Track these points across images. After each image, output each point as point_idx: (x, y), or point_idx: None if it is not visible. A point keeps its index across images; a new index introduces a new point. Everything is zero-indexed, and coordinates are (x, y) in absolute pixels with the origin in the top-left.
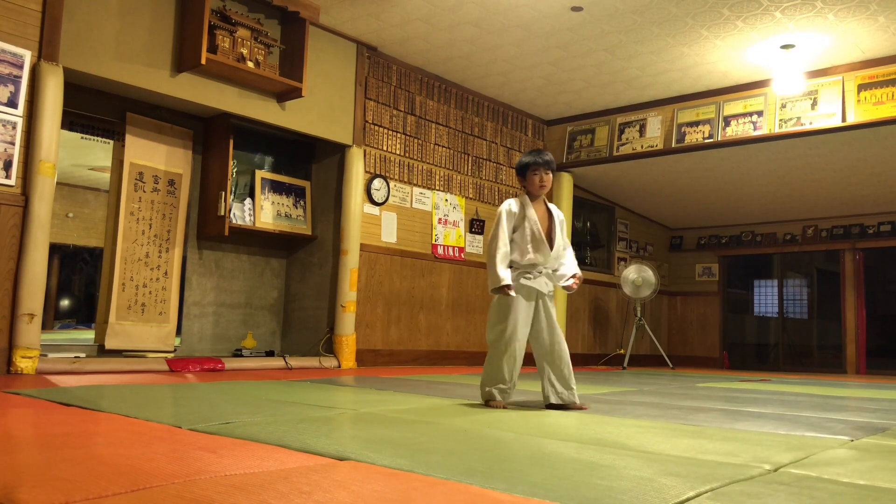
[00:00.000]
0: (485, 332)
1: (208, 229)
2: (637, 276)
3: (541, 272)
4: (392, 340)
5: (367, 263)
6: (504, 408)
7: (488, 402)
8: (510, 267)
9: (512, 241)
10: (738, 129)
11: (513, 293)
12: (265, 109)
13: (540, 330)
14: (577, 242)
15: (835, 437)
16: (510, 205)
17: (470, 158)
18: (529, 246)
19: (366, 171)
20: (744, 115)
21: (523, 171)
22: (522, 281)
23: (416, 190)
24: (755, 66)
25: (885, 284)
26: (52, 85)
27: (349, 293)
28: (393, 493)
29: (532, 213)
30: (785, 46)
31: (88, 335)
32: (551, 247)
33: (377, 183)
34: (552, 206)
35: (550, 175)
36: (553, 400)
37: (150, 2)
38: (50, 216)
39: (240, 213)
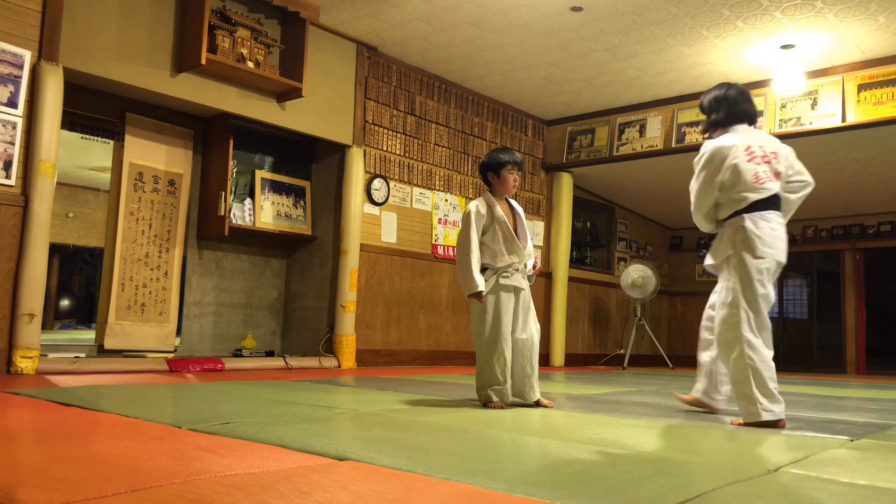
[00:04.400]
0: None
1: (208, 229)
2: (637, 275)
3: (517, 269)
4: (392, 340)
5: (367, 263)
6: (503, 408)
7: (486, 404)
8: (484, 269)
9: (482, 244)
10: None
11: (486, 298)
12: (265, 109)
13: (515, 326)
14: (577, 242)
15: (835, 437)
16: (477, 206)
17: (470, 158)
18: (504, 248)
19: (366, 171)
20: None
21: (497, 168)
22: (502, 280)
23: (416, 190)
24: (755, 66)
25: (885, 284)
26: (52, 85)
27: (349, 293)
28: (393, 493)
29: (500, 213)
30: (785, 46)
31: (88, 335)
32: (523, 244)
33: (377, 183)
34: (512, 201)
35: (520, 177)
36: (518, 396)
37: (150, 2)
38: (50, 216)
39: (240, 213)
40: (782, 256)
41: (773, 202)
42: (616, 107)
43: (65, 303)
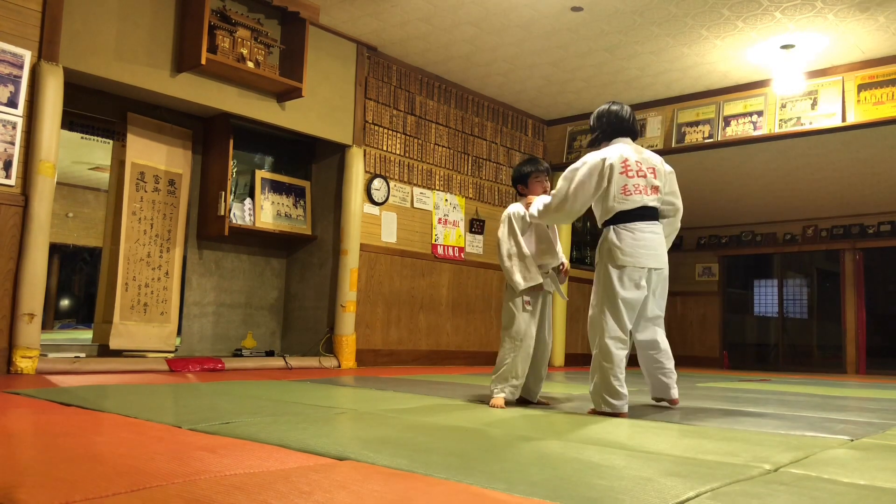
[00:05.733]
0: (485, 332)
1: (208, 229)
2: None
3: (547, 272)
4: (392, 340)
5: (367, 263)
6: (502, 407)
7: (489, 401)
8: None
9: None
10: (738, 129)
11: (527, 297)
12: (265, 109)
13: (540, 328)
14: (577, 242)
15: (835, 437)
16: (518, 209)
17: (470, 158)
18: (541, 247)
19: (366, 171)
20: (744, 115)
21: (524, 180)
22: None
23: (416, 190)
24: (755, 66)
25: (885, 284)
26: (52, 85)
27: (349, 293)
28: (393, 493)
29: None
30: (785, 46)
31: (88, 335)
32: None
33: (377, 183)
34: None
35: (549, 181)
36: (525, 395)
37: (150, 2)
38: (50, 216)
39: (240, 213)
40: (650, 263)
41: (644, 214)
42: None
43: (65, 303)
